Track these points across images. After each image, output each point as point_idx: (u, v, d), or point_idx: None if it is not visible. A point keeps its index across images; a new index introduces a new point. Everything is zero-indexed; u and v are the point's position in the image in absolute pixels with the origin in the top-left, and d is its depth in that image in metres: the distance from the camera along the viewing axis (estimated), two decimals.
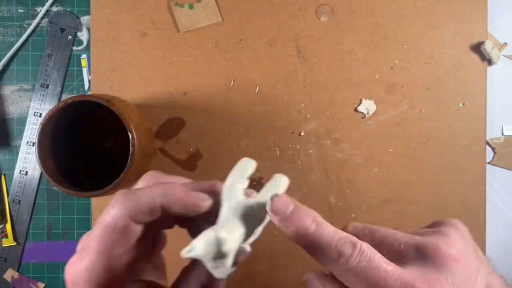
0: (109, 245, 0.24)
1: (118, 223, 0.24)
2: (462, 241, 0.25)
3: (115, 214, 0.25)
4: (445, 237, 0.25)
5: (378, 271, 0.23)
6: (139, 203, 0.25)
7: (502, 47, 0.49)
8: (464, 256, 0.24)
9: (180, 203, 0.26)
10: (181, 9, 0.48)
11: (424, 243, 0.24)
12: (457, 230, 0.26)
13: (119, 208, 0.25)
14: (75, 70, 0.49)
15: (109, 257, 0.24)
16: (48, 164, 0.39)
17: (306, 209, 0.26)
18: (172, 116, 0.48)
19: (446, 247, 0.24)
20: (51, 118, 0.38)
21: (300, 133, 0.48)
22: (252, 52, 0.48)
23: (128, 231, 0.25)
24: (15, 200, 0.48)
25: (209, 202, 0.27)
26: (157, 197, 0.25)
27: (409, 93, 0.48)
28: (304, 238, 0.25)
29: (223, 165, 0.48)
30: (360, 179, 0.48)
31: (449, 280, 0.23)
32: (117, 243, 0.24)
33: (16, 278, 0.48)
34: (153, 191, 0.25)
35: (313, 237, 0.25)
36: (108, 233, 0.24)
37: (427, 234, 0.26)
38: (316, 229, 0.25)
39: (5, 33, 0.49)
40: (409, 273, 0.23)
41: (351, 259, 0.23)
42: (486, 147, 0.48)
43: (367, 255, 0.23)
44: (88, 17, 0.49)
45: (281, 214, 0.25)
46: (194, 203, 0.26)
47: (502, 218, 0.49)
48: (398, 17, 0.48)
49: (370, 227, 0.27)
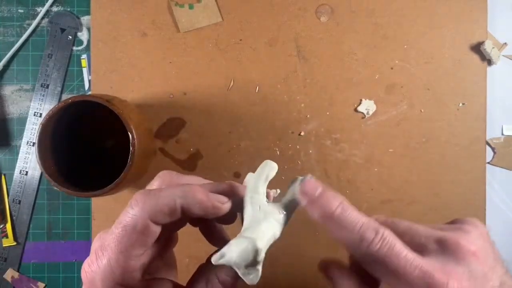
0: (129, 245, 0.24)
1: (137, 224, 0.24)
2: (482, 239, 0.26)
3: (134, 214, 0.25)
4: (466, 234, 0.26)
5: (398, 258, 0.24)
6: (159, 204, 0.25)
7: (502, 47, 0.49)
8: (482, 253, 0.25)
9: (200, 205, 0.25)
10: (181, 9, 0.48)
11: (445, 237, 0.25)
12: (477, 228, 0.27)
13: (138, 209, 0.25)
14: (75, 70, 0.49)
15: (128, 258, 0.24)
16: (48, 164, 0.39)
17: (333, 193, 0.26)
18: (172, 116, 0.48)
19: (466, 242, 0.25)
20: (51, 118, 0.38)
21: (300, 133, 0.48)
22: (252, 52, 0.48)
23: (147, 232, 0.25)
24: (15, 200, 0.48)
25: (228, 205, 0.27)
26: (177, 199, 0.25)
27: (409, 93, 0.48)
28: (330, 220, 0.25)
29: (223, 165, 0.48)
30: (360, 179, 0.48)
31: (466, 273, 0.24)
32: (136, 244, 0.25)
33: (16, 278, 0.48)
34: (173, 193, 0.25)
35: (338, 220, 0.25)
36: (127, 234, 0.24)
37: (448, 229, 0.27)
38: (341, 213, 0.25)
39: (5, 33, 0.49)
40: (428, 263, 0.24)
41: (372, 244, 0.24)
42: (486, 147, 0.48)
43: (388, 242, 0.24)
44: (88, 17, 0.49)
45: (310, 195, 0.26)
46: (214, 205, 0.26)
47: (502, 218, 0.49)
48: (398, 17, 0.48)
49: (392, 220, 0.28)
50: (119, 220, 0.25)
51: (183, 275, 0.49)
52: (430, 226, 0.28)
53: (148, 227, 0.25)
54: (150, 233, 0.25)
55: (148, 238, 0.25)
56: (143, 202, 0.25)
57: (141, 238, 0.25)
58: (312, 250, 0.48)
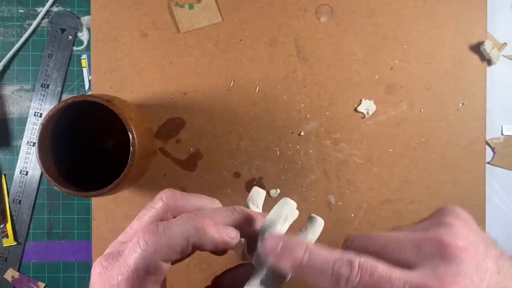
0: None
1: (150, 266, 0.23)
2: (466, 228, 0.24)
3: (146, 257, 0.23)
4: (448, 228, 0.24)
5: (383, 282, 0.22)
6: (171, 244, 0.24)
7: (501, 47, 0.49)
8: (470, 243, 0.23)
9: (212, 242, 0.25)
10: (181, 10, 0.48)
11: (427, 239, 0.24)
12: (458, 217, 0.25)
13: (150, 249, 0.23)
14: (75, 70, 0.49)
15: None
16: (48, 164, 0.39)
17: (296, 241, 0.25)
18: (172, 116, 0.48)
19: (450, 238, 0.23)
20: (51, 118, 0.38)
21: (300, 133, 0.48)
22: (252, 52, 0.48)
23: (159, 272, 0.24)
24: (16, 200, 0.48)
25: (238, 239, 0.26)
26: (190, 238, 0.24)
27: (409, 93, 0.48)
28: (301, 270, 0.24)
29: (223, 165, 0.48)
30: (360, 179, 0.48)
31: (461, 272, 0.22)
32: (149, 285, 0.24)
33: (16, 278, 0.48)
34: (185, 231, 0.24)
35: (309, 267, 0.24)
36: (140, 277, 0.23)
37: (429, 227, 0.25)
38: (309, 258, 0.24)
39: (6, 33, 0.49)
40: (417, 274, 0.22)
41: (351, 279, 0.22)
42: (486, 147, 0.48)
43: (367, 270, 0.22)
44: (88, 17, 0.49)
45: (273, 252, 0.24)
46: (224, 241, 0.25)
47: (502, 218, 0.49)
48: (398, 17, 0.48)
49: (368, 237, 0.26)
50: (127, 258, 0.24)
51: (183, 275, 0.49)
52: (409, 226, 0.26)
53: (160, 268, 0.24)
54: (162, 272, 0.24)
55: (160, 277, 0.24)
56: (155, 242, 0.24)
57: (153, 278, 0.24)
58: None
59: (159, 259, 0.24)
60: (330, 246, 0.50)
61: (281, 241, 0.25)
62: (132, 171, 0.38)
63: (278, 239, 0.25)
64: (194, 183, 0.48)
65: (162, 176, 0.48)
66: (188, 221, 0.25)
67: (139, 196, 0.48)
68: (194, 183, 0.48)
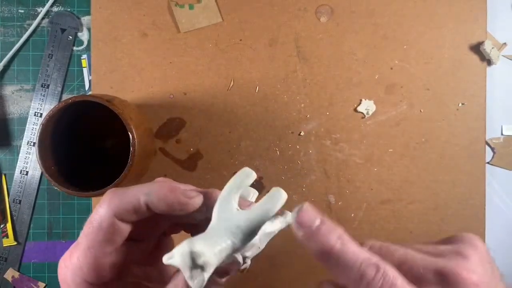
0: (95, 242, 0.25)
1: (103, 221, 0.25)
2: (482, 264, 0.25)
3: (100, 213, 0.25)
4: (465, 261, 0.24)
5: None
6: (123, 202, 0.25)
7: (501, 47, 0.49)
8: (484, 280, 0.24)
9: (165, 201, 0.25)
10: (181, 10, 0.48)
11: (444, 268, 0.24)
12: (476, 250, 0.25)
13: (104, 207, 0.25)
14: (75, 70, 0.49)
15: (96, 255, 0.25)
16: (48, 164, 0.39)
17: (332, 225, 0.24)
18: (172, 116, 0.48)
19: (466, 272, 0.24)
20: (51, 118, 0.38)
21: (300, 133, 0.48)
22: (252, 52, 0.48)
23: (113, 230, 0.25)
24: (16, 200, 0.49)
25: (198, 201, 0.26)
26: (141, 196, 0.25)
27: (409, 93, 0.48)
28: (328, 256, 0.24)
29: (223, 165, 0.48)
30: (359, 179, 0.48)
31: None
32: (104, 241, 0.25)
33: (16, 277, 0.48)
34: (139, 190, 0.25)
35: (337, 255, 0.24)
36: (94, 231, 0.25)
37: (446, 255, 0.25)
38: (341, 248, 0.24)
39: (6, 33, 0.49)
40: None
41: (373, 282, 0.23)
42: (486, 147, 0.48)
43: (390, 279, 0.23)
44: (88, 17, 0.49)
45: (307, 228, 0.24)
46: (179, 201, 0.25)
47: (502, 218, 0.49)
48: (398, 17, 0.48)
49: (387, 247, 0.26)
50: (89, 219, 0.26)
51: None
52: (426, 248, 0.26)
53: (114, 225, 0.25)
54: (117, 230, 0.25)
55: (115, 236, 0.25)
56: (109, 200, 0.25)
57: (108, 235, 0.25)
58: None
59: (112, 215, 0.25)
60: None
61: (318, 219, 0.24)
62: (132, 171, 0.38)
63: (315, 216, 0.24)
64: (194, 183, 0.48)
65: (162, 176, 0.48)
66: (146, 184, 0.26)
67: None
68: (194, 183, 0.48)
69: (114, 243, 0.25)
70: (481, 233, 0.48)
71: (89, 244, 0.25)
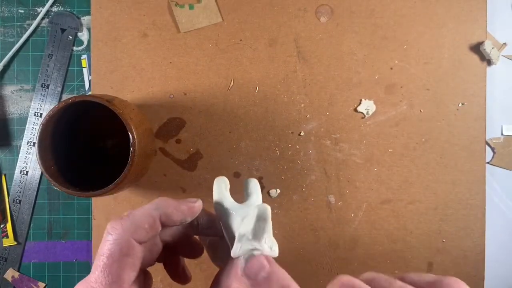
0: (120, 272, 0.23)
1: (122, 247, 0.24)
2: None
3: (116, 239, 0.24)
4: None
5: None
6: (137, 221, 0.25)
7: (501, 47, 0.49)
8: None
9: (177, 210, 0.26)
10: (181, 10, 0.48)
11: None
12: None
13: (118, 232, 0.24)
14: (75, 70, 0.49)
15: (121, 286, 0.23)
16: (48, 164, 0.39)
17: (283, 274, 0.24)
18: (172, 116, 0.48)
19: None
20: (51, 118, 0.38)
21: (300, 133, 0.48)
22: (252, 52, 0.48)
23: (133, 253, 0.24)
24: (16, 200, 0.49)
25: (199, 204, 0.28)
26: (153, 211, 0.25)
27: (409, 93, 0.48)
28: None
29: (223, 165, 0.48)
30: (359, 179, 0.48)
31: None
32: (127, 268, 0.24)
33: (16, 277, 0.48)
34: (147, 208, 0.26)
35: None
36: (116, 261, 0.23)
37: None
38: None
39: (6, 33, 0.49)
40: None
41: None
42: (486, 147, 0.48)
43: None
44: (88, 17, 0.49)
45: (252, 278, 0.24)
46: (188, 206, 0.27)
47: (502, 218, 0.49)
48: (398, 18, 0.48)
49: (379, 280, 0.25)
50: (99, 253, 0.24)
51: None
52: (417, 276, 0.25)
53: (133, 247, 0.24)
54: (136, 253, 0.24)
55: (135, 260, 0.24)
56: (121, 225, 0.24)
57: (129, 261, 0.24)
58: (312, 250, 0.48)
59: (130, 237, 0.24)
60: (330, 247, 0.50)
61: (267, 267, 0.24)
62: (132, 171, 0.38)
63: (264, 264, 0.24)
64: (194, 183, 0.48)
65: (162, 176, 0.48)
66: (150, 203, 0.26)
67: (139, 196, 0.48)
68: (194, 183, 0.48)
69: (135, 268, 0.24)
70: (481, 233, 0.48)
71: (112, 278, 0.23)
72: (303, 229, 0.48)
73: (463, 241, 0.48)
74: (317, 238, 0.48)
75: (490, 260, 0.49)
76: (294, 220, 0.48)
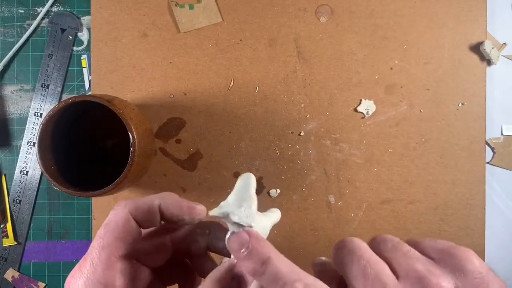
0: (111, 240, 0.26)
1: (118, 219, 0.26)
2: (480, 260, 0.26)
3: (116, 212, 0.27)
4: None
5: None
6: (138, 203, 0.27)
7: (501, 47, 0.49)
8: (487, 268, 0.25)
9: (176, 205, 0.28)
10: (181, 10, 0.48)
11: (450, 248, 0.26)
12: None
13: (120, 207, 0.27)
14: (75, 70, 0.49)
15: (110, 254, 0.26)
16: (48, 164, 0.39)
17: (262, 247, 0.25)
18: (172, 116, 0.48)
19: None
20: (51, 118, 0.38)
21: (300, 133, 0.48)
22: (252, 52, 0.48)
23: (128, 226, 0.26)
24: (16, 200, 0.49)
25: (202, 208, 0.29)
26: (155, 199, 0.28)
27: (409, 93, 0.48)
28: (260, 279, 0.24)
29: (223, 165, 0.48)
30: (359, 179, 0.48)
31: None
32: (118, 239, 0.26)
33: (16, 277, 0.48)
34: (151, 196, 0.28)
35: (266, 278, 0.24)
36: (110, 230, 0.26)
37: None
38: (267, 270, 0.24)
39: (6, 33, 0.49)
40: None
41: None
42: (486, 147, 0.48)
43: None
44: (88, 17, 0.49)
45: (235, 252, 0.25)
46: (188, 205, 0.28)
47: (502, 218, 0.49)
48: (398, 18, 0.48)
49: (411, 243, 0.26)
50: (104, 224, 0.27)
51: None
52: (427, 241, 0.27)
53: (129, 221, 0.26)
54: (131, 228, 0.26)
55: (128, 235, 0.26)
56: (124, 203, 0.27)
57: (122, 232, 0.26)
58: (311, 250, 0.48)
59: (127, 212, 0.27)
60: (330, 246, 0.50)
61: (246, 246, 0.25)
62: (132, 171, 0.38)
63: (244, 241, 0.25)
64: (194, 183, 0.48)
65: (162, 176, 0.48)
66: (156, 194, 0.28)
67: (139, 196, 0.48)
68: (194, 183, 0.48)
69: (127, 242, 0.26)
70: (481, 233, 0.48)
71: (104, 244, 0.26)
72: (303, 229, 0.48)
73: (463, 241, 0.48)
74: (317, 238, 0.48)
75: (490, 260, 0.49)
76: (294, 220, 0.48)
